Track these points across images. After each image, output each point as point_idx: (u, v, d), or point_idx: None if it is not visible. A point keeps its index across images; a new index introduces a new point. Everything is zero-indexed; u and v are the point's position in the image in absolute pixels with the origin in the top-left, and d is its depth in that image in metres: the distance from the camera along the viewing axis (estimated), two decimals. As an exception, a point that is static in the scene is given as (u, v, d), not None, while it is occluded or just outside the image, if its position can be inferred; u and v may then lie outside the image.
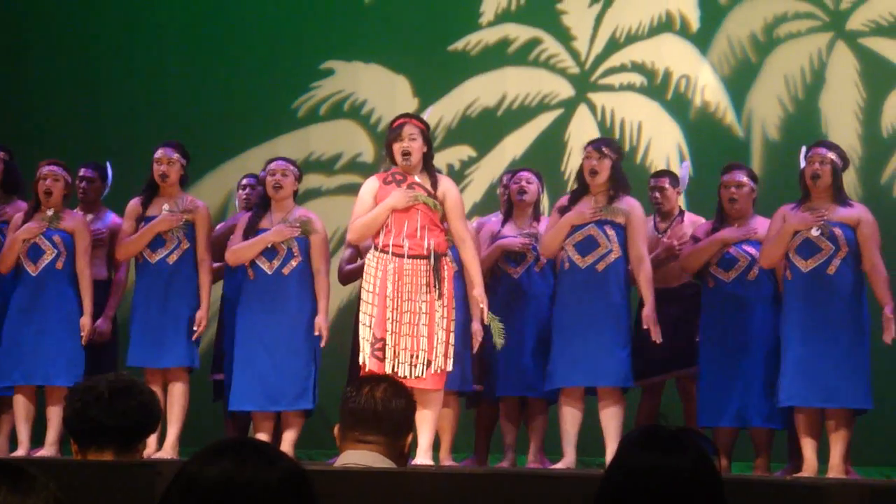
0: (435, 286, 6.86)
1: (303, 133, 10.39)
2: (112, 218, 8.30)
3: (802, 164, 7.25)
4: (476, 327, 7.31)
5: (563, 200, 7.56)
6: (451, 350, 6.88)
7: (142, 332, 7.72)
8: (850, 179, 8.33)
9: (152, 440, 7.47)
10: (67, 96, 10.62)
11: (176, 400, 7.66)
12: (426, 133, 7.10)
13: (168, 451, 7.57)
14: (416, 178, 7.01)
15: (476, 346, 7.33)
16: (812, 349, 7.02)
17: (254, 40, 10.55)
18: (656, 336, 7.23)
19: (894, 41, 9.47)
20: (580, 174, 7.49)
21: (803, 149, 7.38)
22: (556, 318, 7.44)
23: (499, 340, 7.14)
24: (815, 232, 7.13)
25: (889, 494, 3.11)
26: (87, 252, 7.80)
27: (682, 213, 8.05)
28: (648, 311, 7.25)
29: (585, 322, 7.27)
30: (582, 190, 7.47)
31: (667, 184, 8.03)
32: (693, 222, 7.90)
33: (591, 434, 7.46)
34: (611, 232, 7.35)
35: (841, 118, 9.41)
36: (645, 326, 7.26)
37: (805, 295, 7.10)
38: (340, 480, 3.31)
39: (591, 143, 7.56)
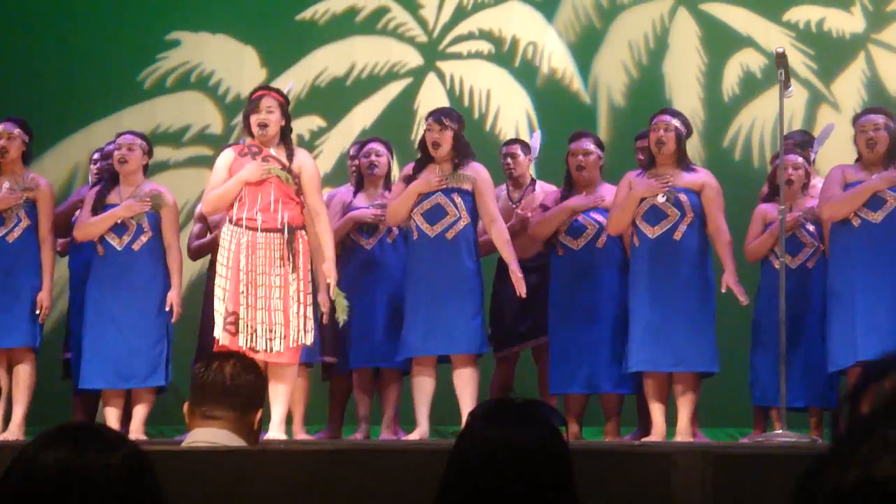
0: (289, 259, 6.83)
1: (149, 105, 10.24)
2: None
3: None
4: (322, 298, 7.28)
5: (408, 169, 7.53)
6: (308, 324, 6.86)
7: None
8: (693, 143, 8.45)
9: (-3, 421, 7.36)
10: None
11: (21, 380, 7.52)
12: (285, 107, 7.06)
13: (14, 432, 7.44)
14: (272, 151, 6.97)
15: (324, 317, 7.29)
16: (659, 314, 7.12)
17: (97, 10, 10.36)
18: (521, 291, 7.23)
19: (733, 7, 9.62)
20: (422, 144, 7.48)
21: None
22: (408, 287, 7.44)
23: (341, 317, 7.11)
24: (660, 198, 7.22)
25: (729, 458, 3.16)
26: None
27: (533, 182, 8.10)
28: (514, 269, 7.25)
29: (437, 290, 7.27)
30: (426, 159, 7.46)
31: (518, 150, 8.09)
32: (545, 192, 7.94)
33: (445, 402, 7.48)
34: (458, 199, 7.35)
35: (684, 83, 9.54)
36: (514, 279, 7.23)
37: (652, 261, 7.18)
38: (187, 460, 3.28)
39: (432, 114, 7.53)
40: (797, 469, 1.19)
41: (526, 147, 8.14)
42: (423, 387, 7.35)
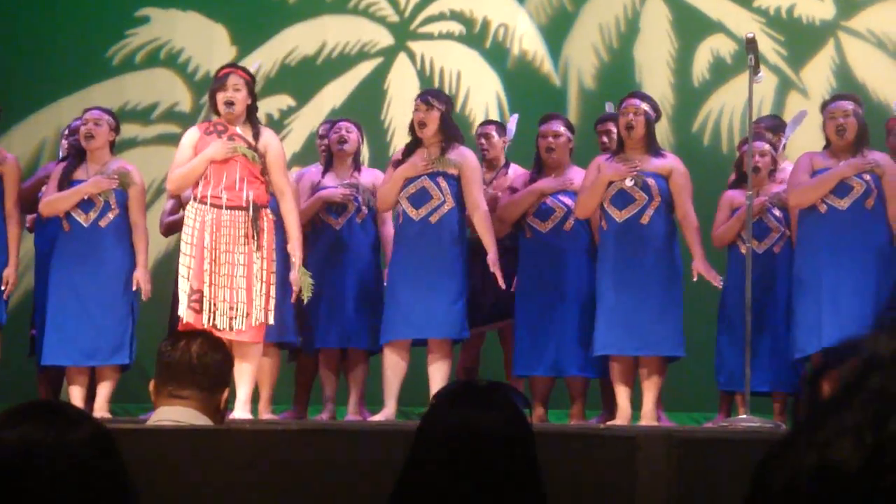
0: (253, 238, 6.82)
1: (118, 82, 10.18)
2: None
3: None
4: (294, 277, 7.27)
5: (398, 154, 7.55)
6: (271, 302, 6.85)
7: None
8: (662, 128, 8.47)
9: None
10: None
11: (-14, 357, 7.50)
12: (251, 85, 7.06)
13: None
14: (238, 130, 6.95)
15: (294, 296, 7.27)
16: (626, 298, 7.13)
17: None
18: (501, 282, 7.25)
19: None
20: (412, 127, 7.48)
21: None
22: (392, 270, 7.43)
23: (305, 294, 7.10)
24: (628, 182, 7.23)
25: (693, 442, 3.18)
26: None
27: (507, 164, 8.09)
28: (492, 257, 7.25)
29: (419, 274, 7.27)
30: (415, 143, 7.46)
31: (493, 131, 8.08)
32: (518, 175, 7.94)
33: (413, 383, 7.48)
34: (444, 183, 7.35)
35: (654, 68, 9.56)
36: (492, 270, 7.25)
37: (619, 245, 7.20)
38: (152, 438, 3.28)
39: (420, 95, 7.56)
40: (760, 454, 1.20)
41: (501, 129, 8.14)
42: (396, 368, 7.34)
